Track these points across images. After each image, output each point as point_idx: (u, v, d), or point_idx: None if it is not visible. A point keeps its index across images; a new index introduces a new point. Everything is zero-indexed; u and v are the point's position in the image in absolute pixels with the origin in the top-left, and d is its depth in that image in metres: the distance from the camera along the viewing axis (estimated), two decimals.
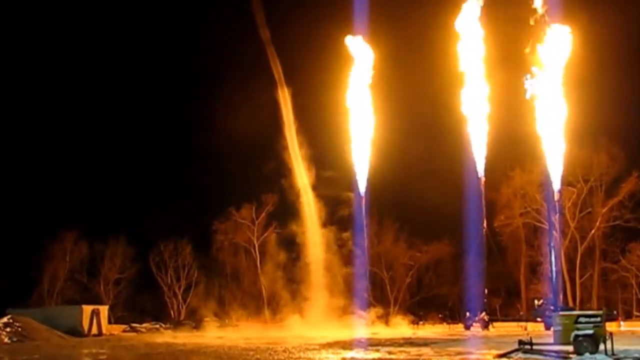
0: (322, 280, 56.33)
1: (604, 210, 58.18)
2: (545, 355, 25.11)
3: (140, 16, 68.87)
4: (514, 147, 56.25)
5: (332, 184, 56.49)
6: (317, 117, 58.04)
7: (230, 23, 63.90)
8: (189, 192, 65.95)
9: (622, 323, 50.43)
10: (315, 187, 58.22)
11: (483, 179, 56.05)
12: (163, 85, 68.15)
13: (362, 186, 58.94)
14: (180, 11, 69.59)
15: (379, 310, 57.14)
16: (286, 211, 59.57)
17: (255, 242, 65.58)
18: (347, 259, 58.07)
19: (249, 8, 55.70)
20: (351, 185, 58.08)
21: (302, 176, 58.57)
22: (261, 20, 56.09)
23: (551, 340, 25.86)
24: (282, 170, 57.97)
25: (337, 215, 57.69)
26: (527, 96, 52.56)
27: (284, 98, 58.46)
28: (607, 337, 24.24)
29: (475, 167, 55.58)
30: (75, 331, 48.04)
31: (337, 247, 57.59)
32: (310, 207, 58.50)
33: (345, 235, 57.83)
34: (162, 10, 68.93)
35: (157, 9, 68.76)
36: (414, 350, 29.67)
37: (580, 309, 48.23)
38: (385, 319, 56.30)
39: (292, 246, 59.34)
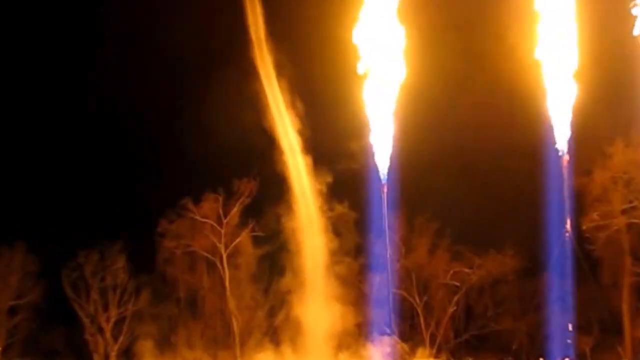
0: (319, 292, 52.09)
1: None
2: None
3: None
4: (613, 111, 50.42)
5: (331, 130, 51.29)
6: (309, 36, 50.70)
7: None
8: (123, 176, 59.75)
9: None
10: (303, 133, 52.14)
11: (567, 158, 50.34)
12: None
13: (383, 165, 51.71)
14: None
15: (402, 346, 53.17)
16: (269, 197, 53.96)
17: (222, 250, 58.85)
18: (356, 249, 53.72)
19: None
20: (359, 133, 52.31)
21: (281, 114, 51.65)
22: None
23: None
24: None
25: (338, 172, 52.11)
26: (636, 32, 47.23)
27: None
28: None
29: (554, 141, 49.91)
30: None
31: (338, 229, 52.82)
32: (295, 158, 52.45)
33: (343, 206, 53.21)
34: None
35: None
36: None
37: None
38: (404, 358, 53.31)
39: (276, 251, 54.57)
